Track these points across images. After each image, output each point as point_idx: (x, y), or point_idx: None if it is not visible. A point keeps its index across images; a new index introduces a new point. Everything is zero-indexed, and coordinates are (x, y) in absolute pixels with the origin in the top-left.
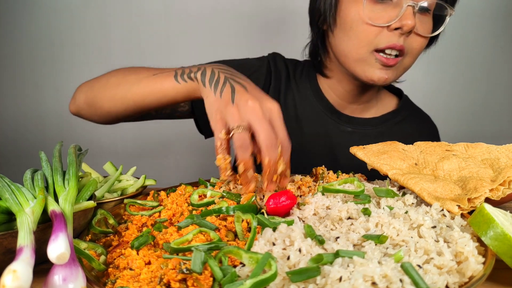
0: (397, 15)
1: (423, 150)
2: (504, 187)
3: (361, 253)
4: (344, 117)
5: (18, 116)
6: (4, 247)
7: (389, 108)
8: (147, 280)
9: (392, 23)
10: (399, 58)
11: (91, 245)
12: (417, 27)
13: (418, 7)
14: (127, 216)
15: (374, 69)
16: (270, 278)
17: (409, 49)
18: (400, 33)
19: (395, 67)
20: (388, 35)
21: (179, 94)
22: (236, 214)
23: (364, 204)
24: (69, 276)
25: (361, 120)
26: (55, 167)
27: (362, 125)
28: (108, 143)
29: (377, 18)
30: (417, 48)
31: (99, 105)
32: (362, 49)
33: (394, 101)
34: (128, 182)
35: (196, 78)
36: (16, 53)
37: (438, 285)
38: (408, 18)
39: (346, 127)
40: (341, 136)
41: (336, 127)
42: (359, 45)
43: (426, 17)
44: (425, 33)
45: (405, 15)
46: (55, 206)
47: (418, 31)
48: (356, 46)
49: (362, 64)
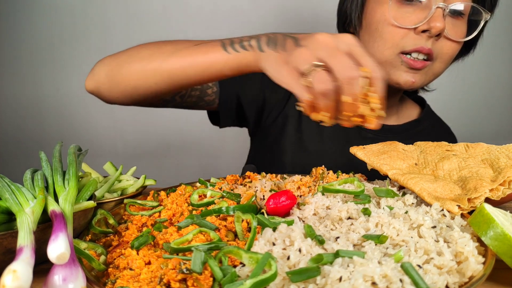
0: (425, 17)
1: (423, 150)
2: (504, 187)
3: (361, 253)
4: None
5: (18, 116)
6: (4, 247)
7: (411, 117)
8: (147, 280)
9: (420, 25)
10: (428, 62)
11: (91, 245)
12: (447, 31)
13: (448, 10)
14: (127, 216)
15: (400, 72)
16: (270, 278)
17: (438, 53)
18: (428, 36)
19: (424, 72)
20: (415, 37)
21: (228, 66)
22: (236, 214)
23: (364, 204)
24: (69, 276)
25: (383, 127)
26: (55, 167)
27: (384, 132)
28: (108, 143)
29: (404, 20)
30: (448, 53)
31: (124, 79)
32: (388, 51)
33: (416, 110)
34: (128, 182)
35: (251, 45)
36: (16, 53)
37: (438, 285)
38: (437, 20)
39: (368, 132)
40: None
41: (357, 132)
42: (384, 47)
43: (458, 21)
44: (457, 38)
45: (434, 17)
46: (55, 206)
47: (449, 35)
48: (381, 48)
49: (388, 66)
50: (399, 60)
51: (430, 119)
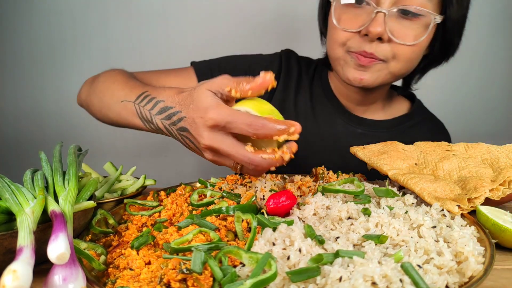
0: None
1: (423, 150)
2: (504, 187)
3: (361, 253)
4: (354, 118)
5: (18, 116)
6: (4, 247)
7: (401, 112)
8: (147, 280)
9: (361, 29)
10: (374, 60)
11: (91, 245)
12: (395, 34)
13: (388, 13)
14: (127, 216)
15: (349, 68)
16: (270, 278)
17: (389, 54)
18: (370, 40)
19: (375, 70)
20: (359, 40)
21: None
22: (236, 214)
23: (364, 204)
24: (69, 276)
25: (371, 122)
26: (55, 167)
27: (372, 127)
28: (108, 143)
29: (348, 23)
30: (401, 54)
31: (92, 110)
32: (338, 49)
33: (406, 105)
34: (128, 182)
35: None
36: (16, 53)
37: (438, 285)
38: (375, 25)
39: (356, 128)
40: (351, 137)
41: (346, 128)
42: (335, 46)
43: (409, 22)
44: (405, 41)
45: (373, 22)
46: (55, 206)
47: (396, 38)
48: (332, 47)
49: (340, 62)
50: (349, 57)
51: (421, 114)
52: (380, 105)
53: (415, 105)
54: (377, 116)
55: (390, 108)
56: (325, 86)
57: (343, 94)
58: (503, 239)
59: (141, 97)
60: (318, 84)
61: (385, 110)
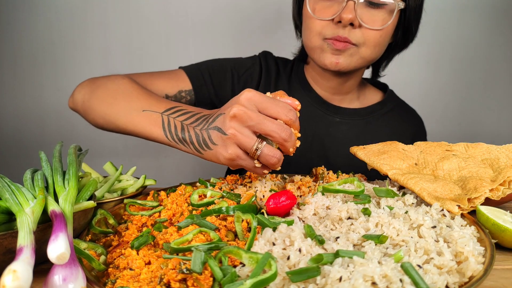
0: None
1: (423, 150)
2: (504, 187)
3: (361, 253)
4: (332, 107)
5: (18, 116)
6: (4, 247)
7: (374, 101)
8: (147, 280)
9: (334, 16)
10: (349, 44)
11: (91, 245)
12: (365, 20)
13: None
14: (127, 216)
15: (326, 54)
16: (270, 278)
17: (360, 39)
18: (343, 26)
19: (349, 54)
20: (333, 27)
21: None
22: (236, 214)
23: (364, 204)
24: (69, 276)
25: (347, 111)
26: (55, 167)
27: (349, 116)
28: (108, 143)
29: (322, 12)
30: (369, 39)
31: (91, 117)
32: (314, 37)
33: (379, 94)
34: (128, 182)
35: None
36: (16, 53)
37: (438, 285)
38: (347, 12)
39: (334, 117)
40: (330, 126)
41: (324, 117)
42: (311, 35)
43: (376, 11)
44: (373, 26)
45: (345, 10)
46: (55, 206)
47: (366, 24)
48: (309, 37)
49: (318, 51)
50: (325, 44)
51: (393, 101)
52: (355, 95)
53: (387, 94)
54: (352, 105)
55: (365, 98)
56: (302, 80)
57: (320, 84)
58: (503, 239)
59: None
60: (295, 79)
61: (360, 100)
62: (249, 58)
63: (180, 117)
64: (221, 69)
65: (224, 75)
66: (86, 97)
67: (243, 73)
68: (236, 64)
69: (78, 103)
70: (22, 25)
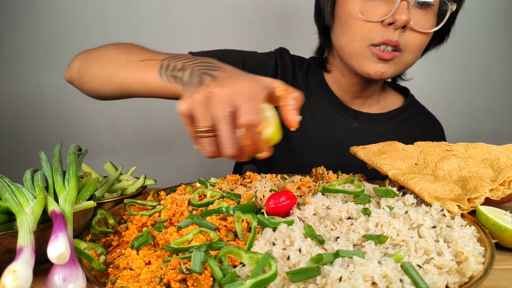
0: (391, 10)
1: (423, 150)
2: (504, 187)
3: (361, 253)
4: (351, 111)
5: (18, 116)
6: (4, 247)
7: (395, 105)
8: (147, 280)
9: (386, 18)
10: (396, 53)
11: (91, 245)
12: (414, 23)
13: (413, 2)
14: (127, 216)
15: (370, 62)
16: (270, 278)
17: (406, 44)
18: (394, 28)
19: (394, 62)
20: (382, 30)
21: (164, 92)
22: (236, 214)
23: (364, 204)
24: (69, 276)
25: (367, 115)
26: (55, 167)
27: (368, 121)
28: (108, 143)
29: (370, 13)
30: (415, 43)
31: (87, 81)
32: (357, 43)
33: (399, 99)
34: (128, 182)
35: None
36: (16, 53)
37: (438, 285)
38: (401, 13)
39: (353, 122)
40: (348, 131)
41: (342, 122)
42: (354, 39)
43: (427, 13)
44: (424, 29)
45: (398, 10)
46: (55, 206)
47: (415, 27)
48: (351, 41)
49: (358, 58)
50: (369, 51)
51: (414, 107)
52: (376, 99)
53: (409, 99)
54: (372, 110)
55: (385, 102)
56: (320, 82)
57: (342, 87)
58: (503, 239)
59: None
60: (312, 81)
61: (380, 104)
62: (264, 54)
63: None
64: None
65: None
66: (83, 61)
67: (255, 66)
68: (249, 57)
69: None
70: (22, 24)
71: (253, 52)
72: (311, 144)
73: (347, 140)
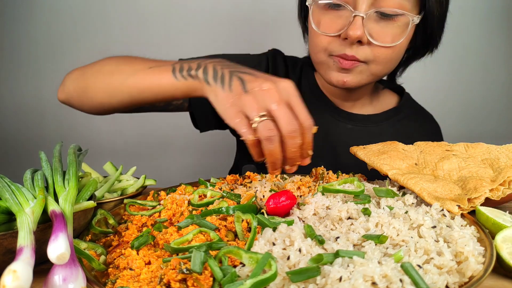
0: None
1: (423, 150)
2: (504, 187)
3: (361, 253)
4: (343, 113)
5: (18, 116)
6: (4, 247)
7: (389, 106)
8: (147, 280)
9: (341, 33)
10: (357, 62)
11: (91, 245)
12: (375, 36)
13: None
14: (127, 216)
15: (332, 72)
16: (270, 278)
17: (369, 57)
18: (350, 43)
19: (357, 72)
20: (340, 43)
21: (178, 91)
22: (236, 214)
23: (364, 204)
24: (69, 276)
25: (360, 117)
26: (55, 167)
27: (361, 122)
28: (108, 143)
29: (325, 27)
30: (380, 56)
31: (90, 95)
32: (319, 53)
33: (394, 99)
34: (128, 182)
35: (198, 76)
36: (16, 53)
37: (438, 285)
38: (354, 29)
39: (346, 123)
40: (341, 133)
41: (335, 124)
42: (316, 50)
43: (388, 23)
44: (385, 43)
45: (352, 25)
46: (55, 206)
47: (376, 40)
48: (315, 51)
49: (323, 66)
50: (332, 61)
51: (410, 107)
52: (368, 99)
53: (404, 98)
54: (365, 110)
55: (379, 102)
56: (312, 84)
57: (330, 90)
58: None
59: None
60: (305, 83)
61: (373, 105)
62: (257, 55)
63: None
64: None
65: None
66: (80, 80)
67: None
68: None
69: (71, 89)
70: (23, 25)
71: (246, 55)
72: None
73: (340, 141)
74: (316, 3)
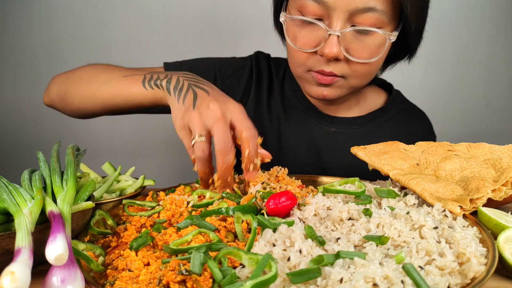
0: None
1: (425, 150)
2: (507, 188)
3: (362, 254)
4: (326, 117)
5: (16, 116)
6: (2, 248)
7: (377, 105)
8: (146, 281)
9: (317, 49)
10: (336, 77)
11: (90, 246)
12: (353, 52)
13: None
14: (126, 217)
15: (311, 85)
16: (270, 280)
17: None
18: (327, 60)
19: (336, 86)
20: (318, 59)
21: (146, 100)
22: (236, 215)
23: (365, 204)
24: (68, 277)
25: (344, 120)
26: (53, 167)
27: (346, 125)
28: (106, 143)
29: (302, 43)
30: (359, 71)
31: (69, 101)
32: (298, 68)
33: (382, 97)
34: (127, 182)
35: (162, 86)
36: (15, 53)
37: (440, 286)
38: (330, 47)
39: (330, 127)
40: (326, 136)
41: (319, 127)
42: (295, 64)
43: (366, 38)
44: (362, 59)
45: (327, 43)
46: (53, 207)
47: (353, 56)
48: (293, 65)
49: (302, 80)
50: (310, 75)
51: (398, 106)
52: (354, 101)
53: (391, 97)
54: (351, 112)
55: (365, 103)
56: (295, 87)
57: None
58: None
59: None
60: (288, 86)
61: (359, 106)
62: (241, 58)
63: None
64: (204, 70)
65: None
66: (62, 85)
67: (229, 75)
68: (224, 65)
69: (54, 94)
70: (22, 25)
71: (231, 58)
72: (288, 151)
73: (325, 145)
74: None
